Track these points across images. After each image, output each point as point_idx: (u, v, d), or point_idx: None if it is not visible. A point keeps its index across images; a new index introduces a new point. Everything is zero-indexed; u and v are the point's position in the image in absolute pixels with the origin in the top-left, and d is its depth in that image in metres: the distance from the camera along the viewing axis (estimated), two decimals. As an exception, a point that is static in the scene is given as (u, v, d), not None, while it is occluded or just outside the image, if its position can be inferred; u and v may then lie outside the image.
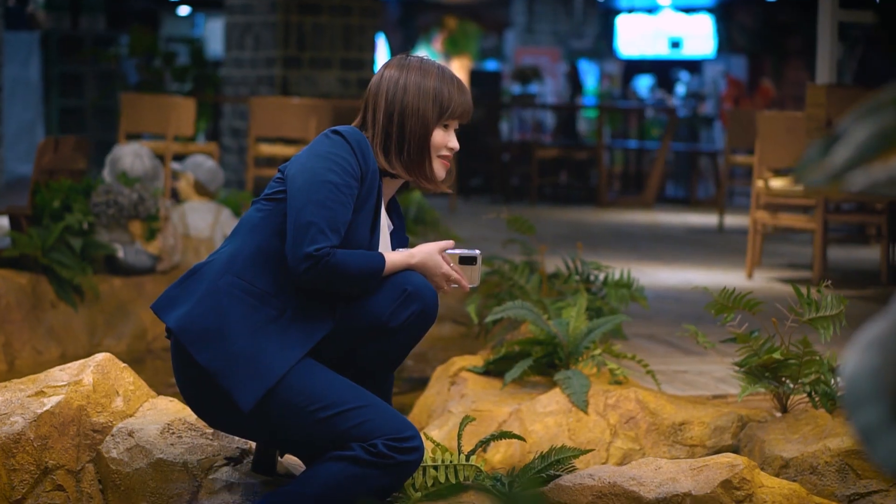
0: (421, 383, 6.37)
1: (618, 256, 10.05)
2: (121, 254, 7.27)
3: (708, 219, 13.90)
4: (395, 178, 3.70)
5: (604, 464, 4.57)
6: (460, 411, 5.03)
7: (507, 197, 15.74)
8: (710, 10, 24.46)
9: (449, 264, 3.61)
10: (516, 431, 4.78)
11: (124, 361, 4.16)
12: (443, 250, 3.62)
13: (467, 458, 3.78)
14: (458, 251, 3.67)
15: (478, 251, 3.71)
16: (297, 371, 3.43)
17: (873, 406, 1.47)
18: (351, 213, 3.49)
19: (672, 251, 10.88)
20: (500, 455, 4.90)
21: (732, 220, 13.32)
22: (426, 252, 3.59)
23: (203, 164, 7.95)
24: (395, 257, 3.54)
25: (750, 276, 9.07)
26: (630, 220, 13.88)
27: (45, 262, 6.91)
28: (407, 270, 3.55)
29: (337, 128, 3.58)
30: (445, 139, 3.68)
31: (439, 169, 3.68)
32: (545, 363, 5.22)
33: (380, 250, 3.61)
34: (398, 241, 3.80)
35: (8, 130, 17.30)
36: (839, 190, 1.52)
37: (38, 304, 6.91)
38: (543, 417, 4.91)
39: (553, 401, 4.94)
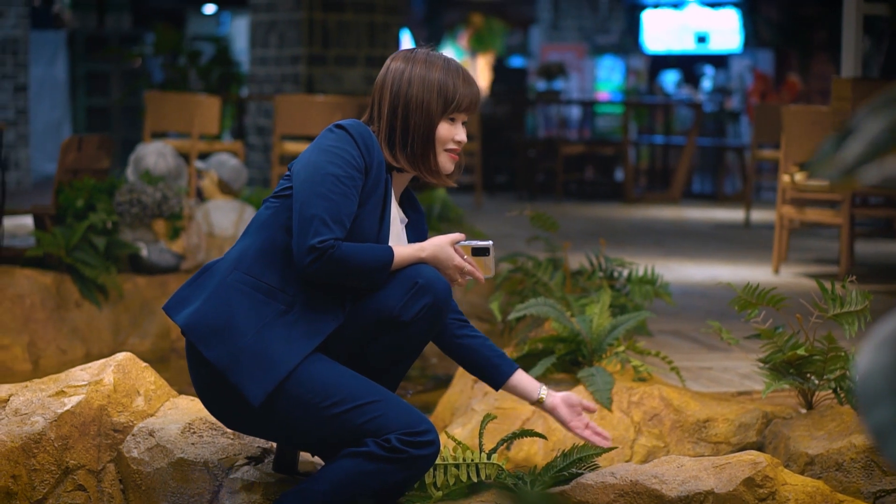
0: (445, 381, 6.35)
1: (643, 252, 10.01)
2: (144, 252, 7.27)
3: (734, 214, 13.84)
4: (404, 171, 3.68)
5: (627, 461, 4.55)
6: (483, 409, 5.01)
7: (532, 193, 15.71)
8: (736, 4, 24.36)
9: (462, 256, 3.59)
10: (539, 429, 4.76)
11: (148, 360, 4.16)
12: (454, 242, 3.59)
13: (489, 457, 3.77)
14: (470, 242, 3.63)
15: (490, 242, 3.67)
16: (308, 366, 3.42)
17: (887, 404, 1.45)
18: (356, 205, 3.47)
19: (698, 247, 10.84)
20: (523, 453, 4.88)
21: (759, 215, 13.26)
22: (437, 245, 3.56)
23: (227, 162, 7.94)
24: (404, 251, 3.52)
25: (776, 271, 9.02)
26: (656, 215, 13.83)
27: (69, 262, 6.91)
28: (419, 263, 3.53)
29: (340, 122, 3.57)
30: (452, 132, 3.65)
31: (446, 162, 3.65)
32: (569, 360, 5.20)
33: (391, 243, 3.59)
34: (416, 234, 3.77)
35: (35, 129, 17.37)
36: (852, 185, 1.50)
37: (62, 304, 6.92)
38: (567, 415, 4.88)
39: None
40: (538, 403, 3.74)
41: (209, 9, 24.50)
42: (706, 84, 22.78)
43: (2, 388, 3.97)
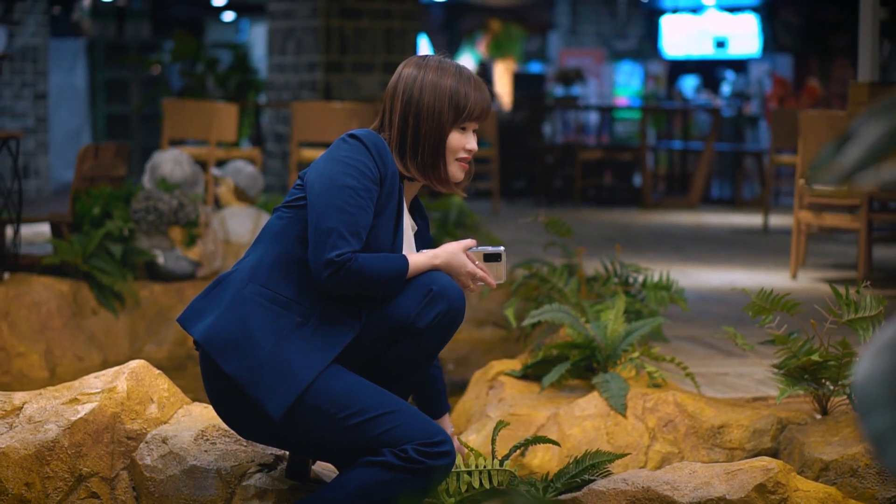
0: (462, 387, 6.35)
1: (661, 258, 10.00)
2: (161, 260, 7.29)
3: (753, 219, 13.81)
4: (414, 180, 3.68)
5: (642, 468, 4.54)
6: (497, 416, 5.01)
7: (550, 199, 15.70)
8: (754, 9, 24.33)
9: (474, 262, 3.59)
10: (554, 436, 4.76)
11: (165, 368, 4.17)
12: (466, 249, 3.59)
13: (501, 463, 3.77)
14: (482, 248, 3.64)
15: (502, 247, 3.68)
16: (325, 377, 3.42)
17: (884, 411, 1.45)
18: (371, 216, 3.47)
19: (716, 252, 10.82)
20: (537, 459, 4.87)
21: (778, 220, 13.23)
22: (450, 251, 3.56)
23: (243, 169, 7.96)
24: (418, 258, 3.52)
25: (794, 276, 9.00)
26: (674, 221, 13.81)
27: (85, 269, 6.93)
28: (432, 271, 3.53)
29: (354, 131, 3.56)
30: (463, 141, 3.64)
31: (456, 171, 3.65)
32: (583, 367, 5.20)
33: (403, 252, 3.59)
34: (422, 242, 3.78)
35: (55, 137, 17.43)
36: (850, 190, 1.50)
37: (79, 311, 6.94)
38: (581, 421, 4.88)
39: (591, 404, 4.91)
40: None
41: (228, 16, 24.55)
42: (726, 89, 22.74)
43: (16, 396, 3.98)
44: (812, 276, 9.16)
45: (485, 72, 21.78)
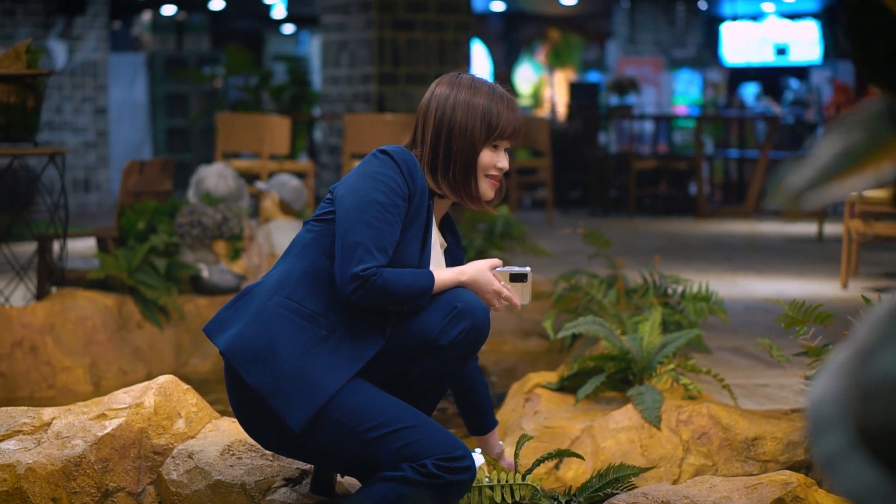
0: (504, 399, 6.35)
1: (711, 268, 9.95)
2: (205, 273, 7.34)
3: (808, 228, 13.71)
4: (445, 197, 3.70)
5: (675, 481, 4.52)
6: (532, 428, 5.00)
7: (605, 209, 15.66)
8: (815, 15, 24.16)
9: (500, 282, 3.60)
10: (588, 448, 4.75)
11: (209, 381, 4.21)
12: (493, 268, 3.61)
13: (523, 477, 3.77)
14: (508, 269, 3.65)
15: (528, 268, 3.69)
16: (347, 391, 3.44)
17: (835, 432, 1.44)
18: (398, 232, 3.49)
19: (768, 261, 10.75)
20: (572, 472, 4.86)
21: (833, 228, 13.12)
22: (476, 269, 3.57)
23: (287, 183, 8.00)
24: (444, 275, 3.54)
25: (844, 285, 8.93)
26: (729, 230, 13.73)
27: (130, 283, 6.98)
28: (458, 287, 3.54)
29: (385, 147, 3.59)
30: (494, 159, 3.66)
31: (486, 189, 3.67)
32: (619, 379, 5.18)
33: (431, 268, 3.60)
34: (453, 259, 3.80)
35: (115, 152, 17.60)
36: (797, 211, 1.50)
37: (124, 325, 6.99)
38: (616, 434, 4.86)
39: (626, 417, 4.89)
40: (497, 458, 4.03)
41: (288, 29, 24.67)
42: (788, 96, 22.58)
43: (45, 412, 4.03)
44: (863, 285, 9.08)
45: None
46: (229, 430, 4.01)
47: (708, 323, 6.97)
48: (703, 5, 24.16)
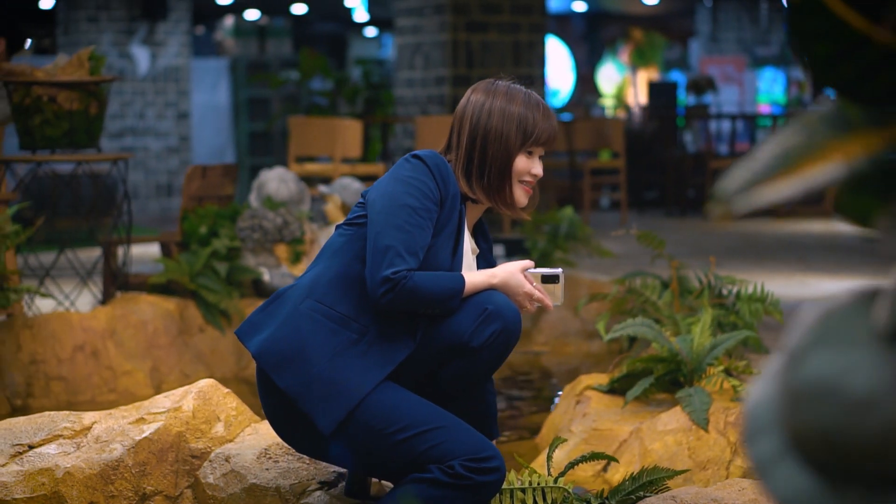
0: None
1: (783, 268, 9.86)
2: (266, 277, 7.39)
3: (889, 226, 13.51)
4: (478, 202, 3.71)
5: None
6: (581, 430, 5.00)
7: (682, 209, 15.56)
8: (901, 11, 23.82)
9: (531, 283, 3.60)
10: (635, 451, 4.73)
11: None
12: (524, 269, 3.61)
13: (555, 480, 3.76)
14: (539, 270, 3.65)
15: (560, 269, 3.68)
16: (377, 393, 3.45)
17: (768, 437, 1.44)
18: (430, 236, 3.50)
19: (843, 261, 10.63)
20: (619, 475, 4.84)
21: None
22: (508, 271, 3.58)
23: (350, 186, 8.03)
24: (476, 277, 3.54)
25: (917, 285, 8.80)
26: (805, 229, 13.60)
27: (192, 288, 7.05)
28: (489, 290, 3.55)
29: (417, 152, 3.60)
30: (529, 165, 3.67)
31: (520, 195, 3.67)
32: (668, 380, 5.15)
33: (462, 272, 3.61)
34: (486, 264, 3.80)
35: (198, 156, 17.78)
36: (728, 215, 1.49)
37: (185, 329, 7.06)
38: (663, 436, 4.84)
39: (674, 419, 4.86)
40: None
41: (370, 32, 24.78)
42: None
43: (86, 416, 4.08)
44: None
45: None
46: (268, 433, 4.04)
47: (771, 324, 6.91)
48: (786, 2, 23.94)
